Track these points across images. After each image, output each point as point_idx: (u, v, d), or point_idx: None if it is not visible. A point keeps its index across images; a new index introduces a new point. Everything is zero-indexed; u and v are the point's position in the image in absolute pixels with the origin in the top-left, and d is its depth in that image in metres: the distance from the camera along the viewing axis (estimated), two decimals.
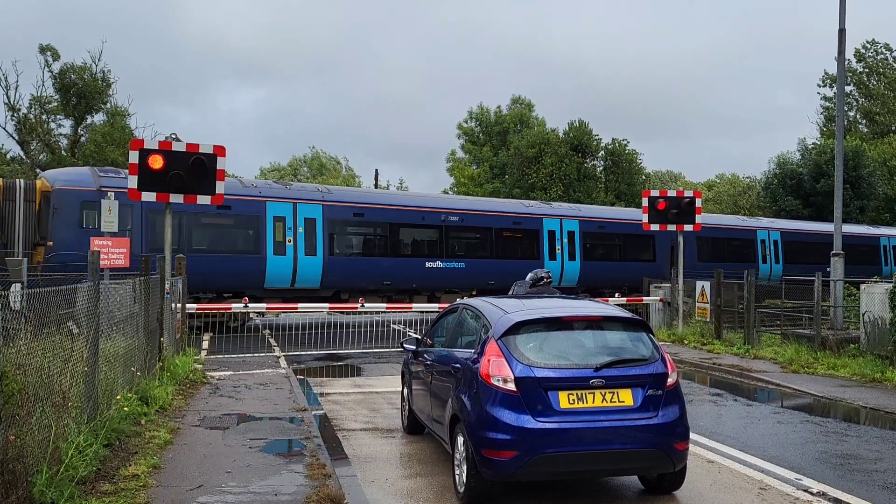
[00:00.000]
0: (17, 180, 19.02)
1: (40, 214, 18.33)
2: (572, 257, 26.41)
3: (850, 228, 29.66)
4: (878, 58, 51.79)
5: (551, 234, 26.06)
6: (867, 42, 51.91)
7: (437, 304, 19.46)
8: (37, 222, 18.35)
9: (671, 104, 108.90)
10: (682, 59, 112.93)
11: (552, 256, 25.86)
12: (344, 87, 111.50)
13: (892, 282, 13.36)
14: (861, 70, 52.02)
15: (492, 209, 26.00)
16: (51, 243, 17.83)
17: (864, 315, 14.27)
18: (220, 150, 12.70)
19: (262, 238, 20.55)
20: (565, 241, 26.23)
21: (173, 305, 13.17)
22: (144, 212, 18.63)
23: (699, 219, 19.10)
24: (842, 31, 17.27)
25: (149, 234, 18.96)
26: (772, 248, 31.60)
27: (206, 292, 19.63)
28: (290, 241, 20.88)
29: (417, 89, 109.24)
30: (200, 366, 13.09)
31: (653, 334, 6.90)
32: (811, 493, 6.80)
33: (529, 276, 10.80)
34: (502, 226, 25.27)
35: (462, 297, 21.12)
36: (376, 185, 50.90)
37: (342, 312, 20.71)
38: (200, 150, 12.56)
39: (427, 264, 23.39)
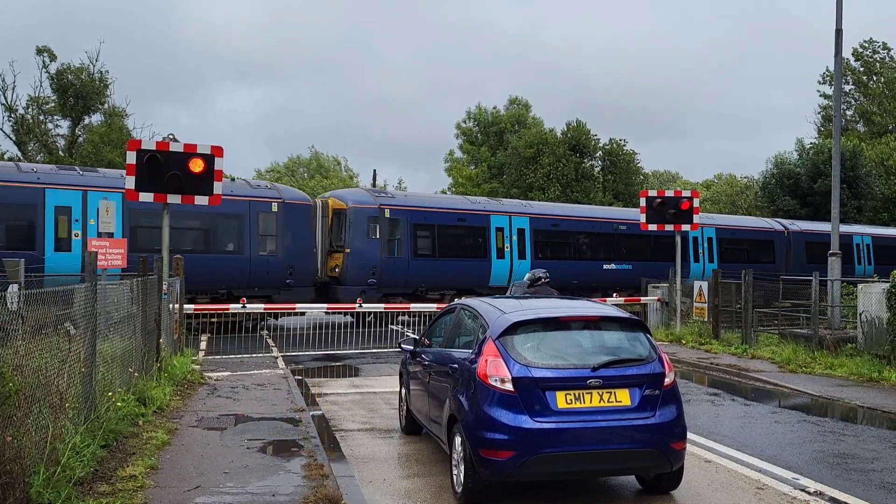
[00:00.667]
0: (317, 200, 24.38)
1: (332, 227, 23.54)
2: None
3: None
4: (876, 57, 51.87)
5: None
6: (865, 41, 52.04)
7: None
8: (331, 232, 23.57)
9: (669, 105, 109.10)
10: (679, 59, 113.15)
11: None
12: (343, 87, 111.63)
13: (888, 281, 13.38)
14: (859, 69, 52.10)
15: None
16: (348, 250, 22.79)
17: (861, 315, 14.30)
18: (217, 151, 12.69)
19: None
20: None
21: (171, 306, 13.16)
22: (409, 224, 23.64)
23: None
24: (839, 32, 17.29)
25: (412, 244, 23.80)
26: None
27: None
28: None
29: (416, 89, 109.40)
30: (198, 366, 13.08)
31: (650, 334, 6.91)
32: (808, 493, 6.81)
33: (527, 276, 10.82)
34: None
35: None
36: (374, 185, 50.88)
37: (341, 313, 20.71)
38: (198, 151, 12.55)
39: None
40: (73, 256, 18.37)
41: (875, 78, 52.08)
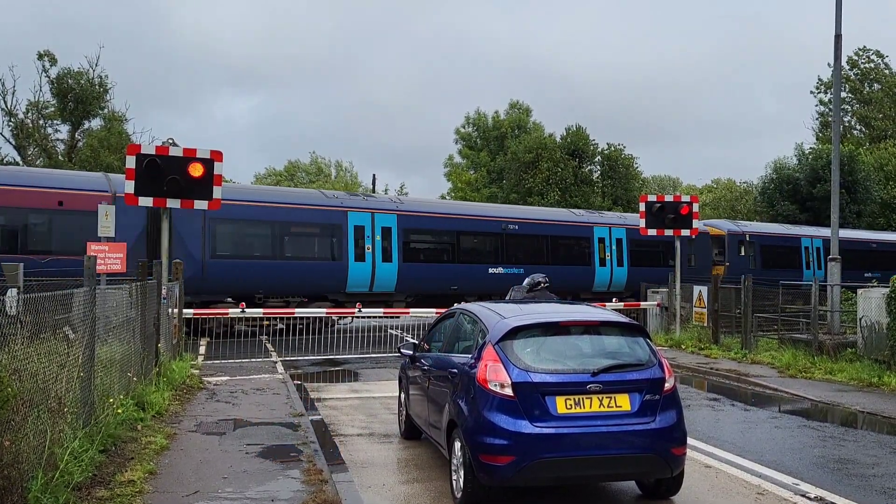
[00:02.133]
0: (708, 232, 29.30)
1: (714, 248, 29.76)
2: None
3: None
4: (870, 65, 52.16)
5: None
6: (860, 49, 52.29)
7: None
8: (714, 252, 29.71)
9: (663, 112, 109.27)
10: (672, 66, 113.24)
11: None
12: (338, 94, 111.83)
13: (888, 286, 13.38)
14: (854, 76, 52.30)
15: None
16: (727, 264, 29.20)
17: (861, 320, 14.29)
18: (216, 155, 12.69)
19: None
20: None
21: (170, 311, 13.14)
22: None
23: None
24: (838, 37, 17.32)
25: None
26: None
27: None
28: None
29: (410, 96, 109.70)
30: (197, 371, 13.06)
31: (650, 339, 6.90)
32: (809, 498, 6.80)
33: (527, 280, 10.81)
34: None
35: None
36: (373, 190, 50.92)
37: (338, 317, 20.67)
38: (197, 155, 12.55)
39: None
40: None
41: (869, 85, 52.32)
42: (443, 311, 9.77)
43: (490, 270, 24.57)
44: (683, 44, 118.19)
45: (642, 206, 19.23)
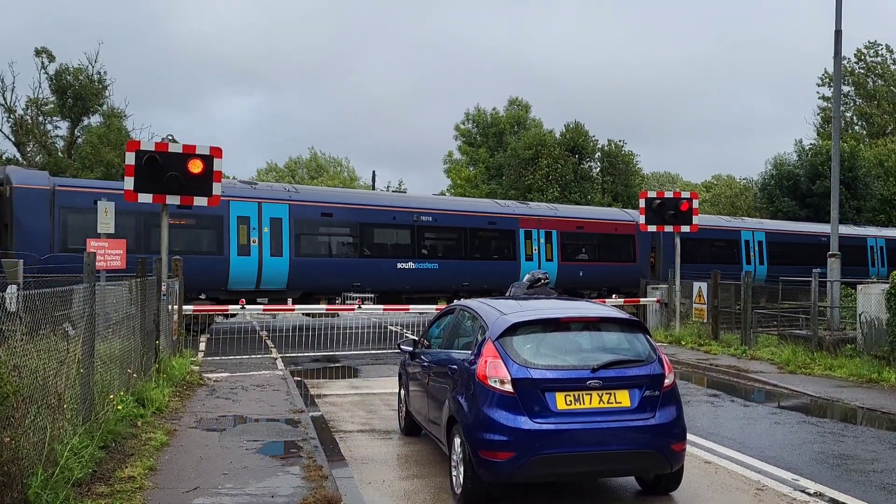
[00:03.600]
0: None
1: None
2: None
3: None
4: (878, 59, 52.03)
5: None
6: (869, 42, 52.17)
7: None
8: None
9: (657, 112, 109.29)
10: (658, 67, 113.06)
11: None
12: (335, 93, 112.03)
13: (889, 282, 13.38)
14: (860, 71, 52.21)
15: None
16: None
17: (860, 316, 14.30)
18: (216, 152, 12.68)
19: None
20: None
21: (170, 307, 13.14)
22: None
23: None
24: (838, 33, 17.32)
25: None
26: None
27: None
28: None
29: (409, 95, 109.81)
30: (197, 367, 13.06)
31: (650, 335, 6.90)
32: (808, 494, 6.80)
33: (527, 277, 10.82)
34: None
35: None
36: (373, 187, 50.88)
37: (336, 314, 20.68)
38: (197, 152, 12.54)
39: None
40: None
41: (874, 80, 52.21)
42: (443, 307, 9.77)
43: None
44: (677, 44, 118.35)
45: (642, 203, 19.24)
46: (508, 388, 6.09)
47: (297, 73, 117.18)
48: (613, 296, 22.23)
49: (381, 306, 19.59)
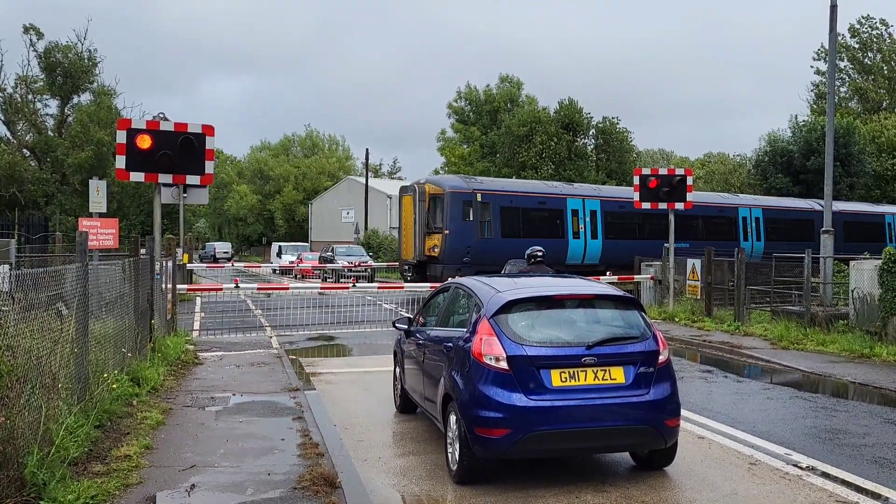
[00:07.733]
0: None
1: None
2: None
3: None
4: (873, 33, 51.76)
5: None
6: (863, 17, 51.90)
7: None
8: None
9: (644, 91, 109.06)
10: (651, 47, 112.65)
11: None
12: (324, 75, 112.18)
13: (880, 258, 13.43)
14: (855, 46, 51.99)
15: None
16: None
17: (853, 291, 14.36)
18: (208, 130, 12.56)
19: None
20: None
21: (164, 286, 13.10)
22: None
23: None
24: (834, 7, 17.20)
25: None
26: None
27: None
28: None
29: (398, 76, 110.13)
30: (192, 346, 13.06)
31: (644, 312, 6.91)
32: (800, 468, 6.87)
33: (527, 253, 10.80)
34: None
35: None
36: (367, 165, 50.69)
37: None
38: (189, 130, 12.42)
39: None
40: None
41: (871, 55, 52.01)
42: (437, 285, 9.76)
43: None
44: (662, 25, 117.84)
45: (636, 179, 19.19)
46: (503, 365, 6.10)
47: (286, 55, 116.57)
48: (608, 272, 22.26)
49: (376, 284, 19.60)
